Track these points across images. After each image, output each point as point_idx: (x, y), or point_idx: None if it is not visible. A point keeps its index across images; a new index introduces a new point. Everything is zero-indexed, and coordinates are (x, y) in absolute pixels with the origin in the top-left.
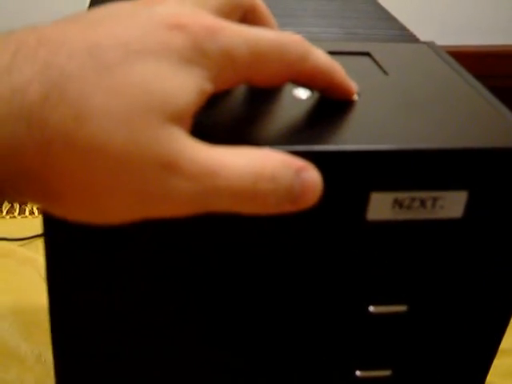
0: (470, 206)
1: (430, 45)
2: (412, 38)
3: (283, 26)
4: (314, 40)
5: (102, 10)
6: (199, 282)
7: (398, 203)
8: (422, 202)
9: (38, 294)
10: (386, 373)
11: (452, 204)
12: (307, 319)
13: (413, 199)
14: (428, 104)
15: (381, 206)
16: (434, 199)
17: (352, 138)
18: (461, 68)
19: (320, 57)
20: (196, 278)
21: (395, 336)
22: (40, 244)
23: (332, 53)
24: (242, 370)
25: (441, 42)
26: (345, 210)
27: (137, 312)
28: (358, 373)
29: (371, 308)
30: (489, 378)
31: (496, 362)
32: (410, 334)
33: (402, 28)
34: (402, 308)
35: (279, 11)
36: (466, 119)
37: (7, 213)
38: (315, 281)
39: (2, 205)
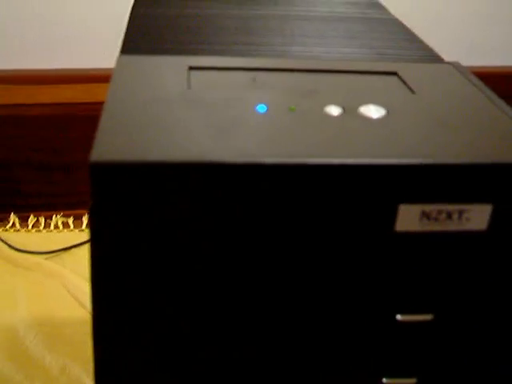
0: (494, 219)
1: (455, 65)
2: (437, 59)
3: (315, 46)
4: (345, 60)
5: None
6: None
7: (425, 215)
8: (449, 215)
9: (62, 307)
10: (411, 381)
11: (477, 217)
12: (335, 327)
13: (440, 211)
14: (454, 121)
15: (409, 218)
16: (460, 212)
17: (382, 152)
18: (485, 87)
19: None
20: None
21: (421, 344)
22: (65, 257)
23: (361, 72)
24: (270, 376)
25: (468, 62)
26: (374, 222)
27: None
28: (383, 380)
29: (398, 316)
30: None
31: None
32: (436, 342)
33: (428, 49)
34: (427, 317)
35: (311, 32)
36: (490, 136)
37: (33, 226)
38: (345, 290)
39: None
